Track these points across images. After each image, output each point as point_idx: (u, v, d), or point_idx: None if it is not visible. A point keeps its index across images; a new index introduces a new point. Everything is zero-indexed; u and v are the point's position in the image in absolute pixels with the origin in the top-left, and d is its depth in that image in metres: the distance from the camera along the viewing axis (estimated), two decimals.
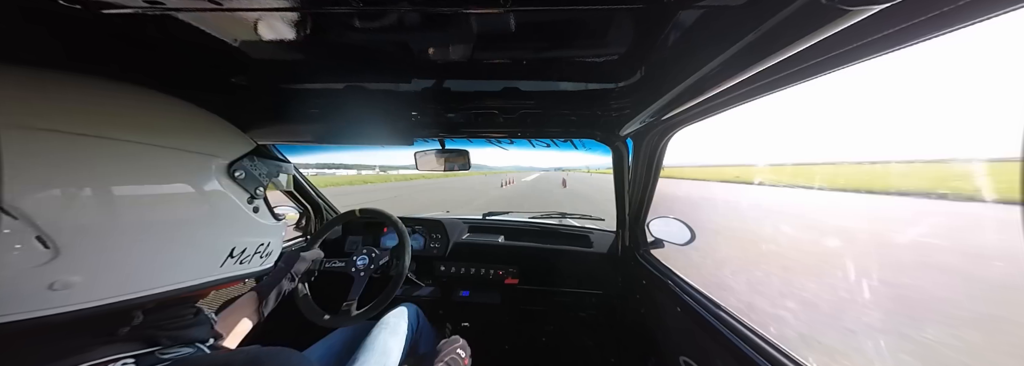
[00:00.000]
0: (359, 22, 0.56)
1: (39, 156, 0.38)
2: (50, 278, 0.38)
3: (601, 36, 0.61)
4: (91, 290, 0.41)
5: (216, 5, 0.48)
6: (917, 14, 0.39)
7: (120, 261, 0.43)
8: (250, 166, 0.62)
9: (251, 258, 0.62)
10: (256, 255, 0.63)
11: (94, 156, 0.42)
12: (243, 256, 0.59)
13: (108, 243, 0.42)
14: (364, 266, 1.24)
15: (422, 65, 0.76)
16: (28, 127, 0.38)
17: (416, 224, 1.84)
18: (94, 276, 0.41)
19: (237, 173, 0.59)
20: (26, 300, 0.38)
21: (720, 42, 0.49)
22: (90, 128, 0.42)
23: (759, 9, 0.42)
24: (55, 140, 0.39)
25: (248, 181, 0.61)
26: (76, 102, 0.43)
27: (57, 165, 0.39)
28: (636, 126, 1.06)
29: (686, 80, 0.62)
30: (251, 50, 0.68)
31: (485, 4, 0.47)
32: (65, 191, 0.39)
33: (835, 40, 0.44)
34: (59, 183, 0.39)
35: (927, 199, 21.32)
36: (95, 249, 0.41)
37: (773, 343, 0.77)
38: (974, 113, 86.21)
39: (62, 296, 0.39)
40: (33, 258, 0.37)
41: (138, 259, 0.45)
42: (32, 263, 0.37)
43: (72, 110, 0.42)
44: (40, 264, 0.37)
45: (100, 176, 0.42)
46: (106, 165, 0.42)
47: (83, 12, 0.50)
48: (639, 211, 1.42)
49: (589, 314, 1.75)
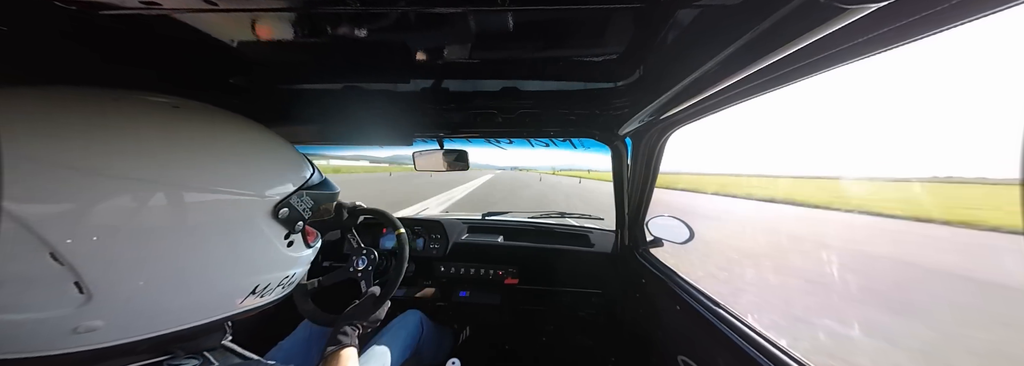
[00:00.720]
0: (358, 22, 0.56)
1: (88, 200, 0.37)
2: (76, 323, 0.38)
3: (599, 35, 0.61)
4: (110, 332, 0.41)
5: (212, 6, 0.48)
6: (914, 12, 0.39)
7: (145, 306, 0.43)
8: (297, 202, 0.57)
9: (272, 291, 0.59)
10: (279, 287, 0.60)
11: (139, 201, 0.40)
12: (265, 291, 0.57)
13: (139, 288, 0.41)
14: (363, 267, 1.24)
15: (421, 65, 0.76)
16: (77, 169, 0.37)
17: (415, 224, 1.84)
18: (117, 320, 0.41)
19: (281, 212, 0.55)
20: (48, 341, 0.38)
21: (718, 41, 0.49)
22: (137, 171, 0.41)
23: (757, 8, 0.42)
24: (103, 183, 0.38)
25: (290, 220, 0.56)
26: (124, 138, 0.42)
27: (103, 210, 0.38)
28: (635, 125, 1.06)
29: (685, 79, 0.62)
30: (249, 51, 0.68)
31: (484, 3, 0.47)
32: (107, 237, 0.38)
33: (833, 38, 0.44)
34: (104, 229, 0.38)
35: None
36: (125, 296, 0.40)
37: (773, 341, 0.77)
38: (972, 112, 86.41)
39: (83, 338, 0.39)
40: (67, 302, 0.37)
41: (164, 302, 0.44)
42: (65, 307, 0.37)
43: (120, 149, 0.41)
44: (72, 309, 0.37)
45: (142, 222, 0.40)
46: (150, 210, 0.41)
47: (80, 14, 0.50)
48: (638, 210, 1.42)
49: (589, 314, 1.75)
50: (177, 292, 0.45)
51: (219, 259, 0.48)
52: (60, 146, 0.37)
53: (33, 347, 0.37)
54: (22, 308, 0.35)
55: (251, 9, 0.52)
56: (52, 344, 0.38)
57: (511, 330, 1.85)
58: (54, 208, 0.36)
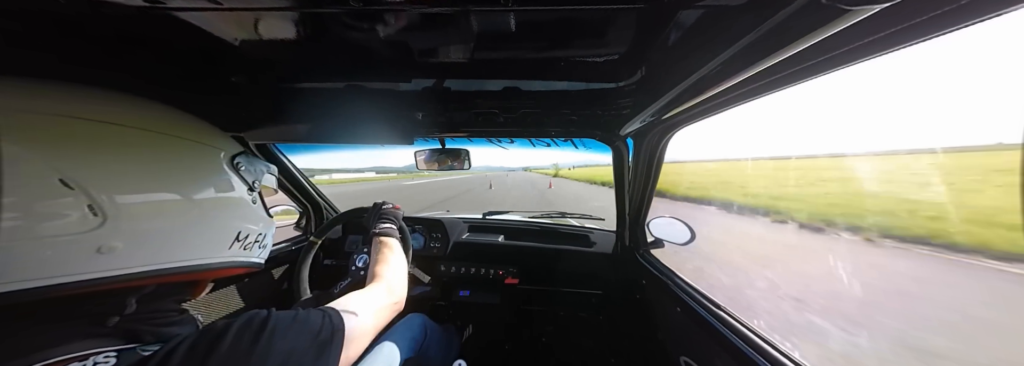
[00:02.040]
0: (359, 21, 0.56)
1: (90, 140, 0.46)
2: (98, 242, 0.44)
3: (602, 35, 0.61)
4: (131, 256, 0.47)
5: (216, 4, 0.48)
6: (917, 14, 0.39)
7: (154, 232, 0.49)
8: (246, 162, 0.69)
9: (252, 246, 0.68)
10: (256, 244, 0.69)
11: (132, 143, 0.49)
12: (246, 242, 0.65)
13: (144, 215, 0.48)
14: (364, 265, 1.24)
15: (422, 65, 0.76)
16: (81, 118, 0.46)
17: (416, 223, 1.84)
18: (134, 243, 0.47)
19: (239, 165, 0.65)
20: (77, 263, 0.43)
21: (721, 42, 0.49)
22: (128, 120, 0.50)
23: (759, 9, 0.42)
24: (102, 129, 0.47)
25: (247, 173, 0.67)
26: (115, 98, 0.52)
27: (104, 148, 0.47)
28: (636, 126, 1.06)
29: (686, 80, 0.62)
30: (252, 50, 0.68)
31: (486, 3, 0.47)
32: (109, 169, 0.46)
33: (836, 40, 0.44)
34: (105, 162, 0.46)
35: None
36: (134, 219, 0.47)
37: (773, 343, 0.77)
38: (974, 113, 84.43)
39: (107, 260, 0.45)
40: (85, 223, 0.43)
41: (168, 231, 0.51)
42: (84, 228, 0.42)
43: (112, 104, 0.51)
44: (91, 229, 0.43)
45: (137, 158, 0.49)
46: (141, 150, 0.50)
47: (83, 12, 0.50)
48: (639, 211, 1.42)
49: (589, 314, 1.75)
50: (177, 222, 0.52)
51: (204, 196, 0.57)
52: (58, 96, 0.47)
53: (64, 270, 0.42)
54: (45, 229, 0.41)
55: (254, 8, 0.52)
56: (81, 266, 0.43)
57: (511, 330, 1.85)
58: (66, 145, 0.43)
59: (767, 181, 33.41)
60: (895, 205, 24.67)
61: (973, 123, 71.75)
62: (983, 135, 63.71)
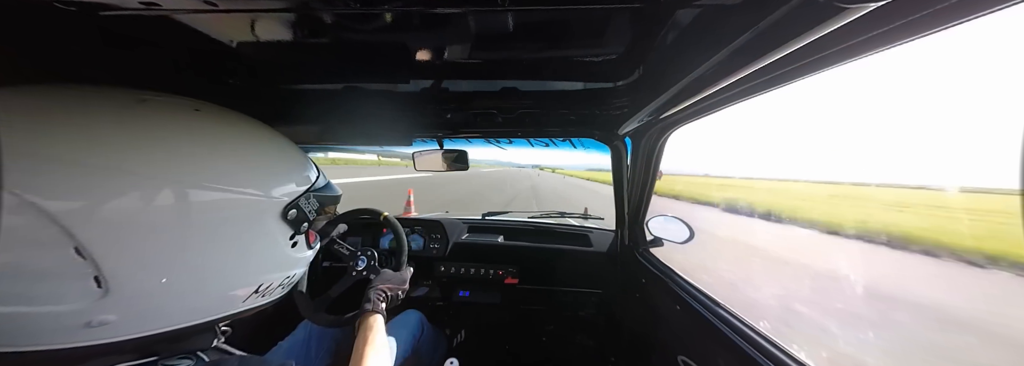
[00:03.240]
0: (357, 23, 0.56)
1: (112, 197, 0.38)
2: (91, 316, 0.39)
3: (599, 35, 0.61)
4: (121, 327, 0.42)
5: (212, 6, 0.48)
6: (913, 11, 0.39)
7: (158, 301, 0.44)
8: (304, 204, 0.59)
9: (274, 291, 0.61)
10: (280, 287, 0.62)
11: (159, 199, 0.42)
12: (267, 290, 0.58)
13: (153, 284, 0.42)
14: (364, 266, 1.24)
15: (421, 65, 0.76)
16: (103, 168, 0.38)
17: (415, 224, 1.84)
18: (130, 314, 0.42)
19: (290, 213, 0.56)
20: (61, 334, 0.38)
21: (718, 41, 0.49)
22: (159, 170, 0.42)
23: (756, 7, 0.42)
24: (129, 181, 0.39)
25: (297, 221, 0.58)
26: (147, 138, 0.43)
27: (126, 207, 0.39)
28: (635, 125, 1.06)
29: (684, 78, 0.62)
30: (249, 51, 0.68)
31: (484, 3, 0.47)
32: (129, 233, 0.39)
33: (832, 37, 0.44)
34: (126, 226, 0.39)
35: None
36: (141, 291, 0.41)
37: (773, 341, 0.77)
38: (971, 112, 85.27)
39: (95, 332, 0.40)
40: (85, 296, 0.38)
41: (174, 299, 0.45)
42: (83, 301, 0.38)
43: (143, 148, 0.42)
44: (89, 302, 0.38)
45: (161, 219, 0.42)
46: (168, 207, 0.42)
47: (80, 14, 0.50)
48: (638, 210, 1.42)
49: (589, 313, 1.75)
50: (189, 288, 0.46)
51: (230, 258, 0.49)
52: (86, 145, 0.38)
53: (44, 340, 0.38)
54: (41, 300, 0.36)
55: (251, 10, 0.52)
56: (64, 337, 0.39)
57: (511, 330, 1.85)
58: (80, 203, 0.36)
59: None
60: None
61: (972, 123, 71.99)
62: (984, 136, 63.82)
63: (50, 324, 0.37)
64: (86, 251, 0.36)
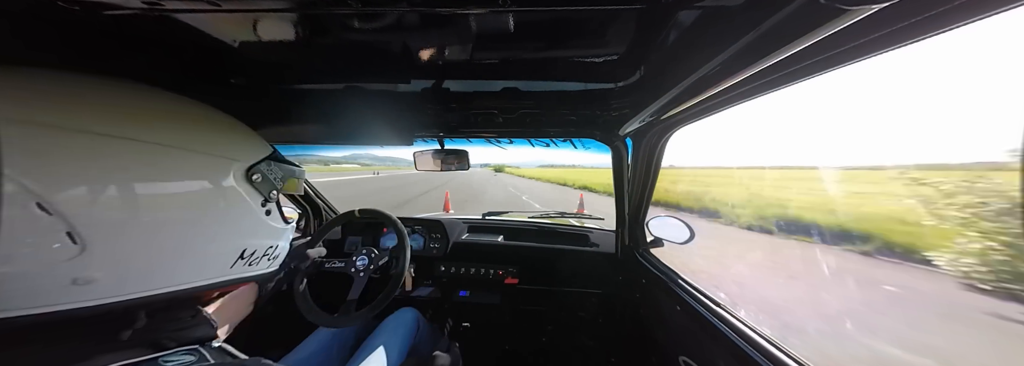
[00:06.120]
0: (358, 23, 0.56)
1: (72, 155, 0.39)
2: (74, 273, 0.39)
3: (600, 36, 0.61)
4: (111, 286, 0.42)
5: (215, 6, 0.48)
6: (915, 13, 0.39)
7: (140, 258, 0.45)
8: (267, 170, 0.63)
9: (259, 260, 0.64)
10: (264, 257, 0.65)
11: (122, 157, 0.44)
12: (252, 258, 0.61)
13: (131, 240, 0.43)
14: (364, 266, 1.24)
15: (422, 65, 0.76)
16: (62, 127, 0.39)
17: (415, 224, 1.84)
18: (115, 272, 0.42)
19: (255, 177, 0.60)
20: (49, 294, 0.39)
21: (719, 42, 0.49)
22: (118, 130, 0.44)
23: (758, 8, 0.42)
24: (86, 141, 0.41)
25: (263, 185, 0.62)
26: (104, 104, 0.45)
27: (88, 164, 0.41)
28: (636, 125, 1.06)
29: (686, 79, 0.62)
30: (251, 51, 0.68)
31: (485, 4, 0.47)
32: (94, 189, 0.40)
33: (834, 39, 0.44)
34: (90, 181, 0.40)
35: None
36: (118, 246, 0.42)
37: (773, 341, 0.77)
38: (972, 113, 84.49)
39: (83, 291, 0.40)
40: (62, 253, 0.38)
41: (157, 257, 0.46)
42: (60, 258, 0.38)
43: (101, 112, 0.44)
44: (67, 259, 0.38)
45: (127, 176, 0.44)
46: (133, 165, 0.44)
47: (83, 14, 0.50)
48: (638, 210, 1.42)
49: (589, 314, 1.75)
50: (168, 246, 0.47)
51: (204, 216, 0.52)
52: (39, 105, 0.40)
53: (36, 301, 0.38)
54: (19, 259, 0.36)
55: (253, 9, 0.52)
56: (54, 297, 0.39)
57: (511, 330, 1.85)
58: (36, 161, 0.37)
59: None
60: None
61: (972, 123, 71.48)
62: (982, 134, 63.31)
63: (37, 284, 0.38)
64: (50, 207, 0.37)
